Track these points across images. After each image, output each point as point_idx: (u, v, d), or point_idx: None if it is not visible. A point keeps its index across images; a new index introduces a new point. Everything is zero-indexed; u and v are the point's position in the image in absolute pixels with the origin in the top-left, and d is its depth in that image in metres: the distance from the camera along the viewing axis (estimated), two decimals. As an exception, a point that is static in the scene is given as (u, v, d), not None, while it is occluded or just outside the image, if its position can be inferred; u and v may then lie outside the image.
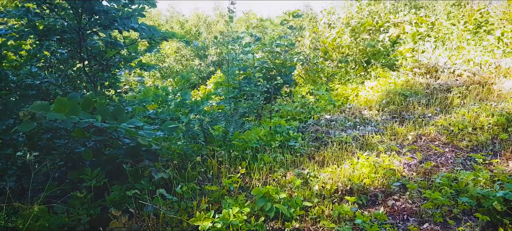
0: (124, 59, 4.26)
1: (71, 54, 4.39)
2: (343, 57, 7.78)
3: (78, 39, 3.84)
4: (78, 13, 3.69)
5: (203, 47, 19.19)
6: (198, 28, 23.02)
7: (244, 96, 6.29)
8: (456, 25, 8.85)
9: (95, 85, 4.27)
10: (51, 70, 4.57)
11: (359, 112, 5.30)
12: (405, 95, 5.61)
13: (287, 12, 5.95)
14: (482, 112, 4.66)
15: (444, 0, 15.77)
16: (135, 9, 3.72)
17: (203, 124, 4.69)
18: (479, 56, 6.67)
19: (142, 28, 3.54)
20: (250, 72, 6.30)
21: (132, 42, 4.26)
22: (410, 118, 4.82)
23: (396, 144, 4.04)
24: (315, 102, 5.87)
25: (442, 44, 7.90)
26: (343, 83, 6.88)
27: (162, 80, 16.14)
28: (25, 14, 3.60)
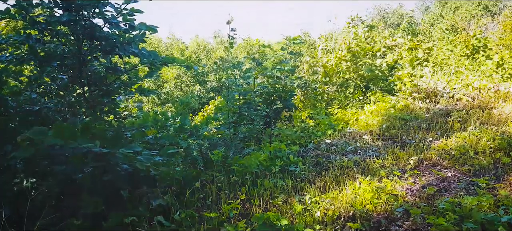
0: (124, 85, 4.27)
1: (71, 79, 4.39)
2: (342, 81, 7.82)
3: (78, 64, 3.85)
4: (79, 39, 3.71)
5: (203, 73, 19.35)
6: (198, 55, 23.27)
7: (244, 121, 6.27)
8: (453, 51, 8.95)
9: (94, 111, 4.26)
10: (51, 96, 4.57)
11: (359, 136, 5.27)
12: (405, 120, 5.60)
13: (288, 38, 6.02)
14: (483, 137, 4.64)
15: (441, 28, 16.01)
16: (136, 35, 3.75)
17: (202, 148, 4.65)
18: (478, 81, 6.71)
19: (142, 54, 3.56)
20: (250, 97, 6.32)
21: (132, 67, 4.28)
22: (411, 142, 4.79)
23: (398, 169, 4.00)
24: (315, 127, 5.85)
25: (440, 69, 7.96)
26: (342, 107, 6.89)
27: (161, 106, 16.19)
28: (26, 40, 3.62)
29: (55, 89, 4.53)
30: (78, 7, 3.49)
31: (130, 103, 7.80)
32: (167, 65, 3.88)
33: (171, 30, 30.04)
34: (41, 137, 2.55)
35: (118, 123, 4.69)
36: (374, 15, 29.44)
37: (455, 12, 22.02)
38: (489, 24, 16.12)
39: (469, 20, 19.23)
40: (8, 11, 3.30)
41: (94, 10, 3.47)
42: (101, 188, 3.32)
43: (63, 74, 4.32)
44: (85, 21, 3.51)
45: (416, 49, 8.45)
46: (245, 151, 5.02)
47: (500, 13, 19.16)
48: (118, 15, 3.67)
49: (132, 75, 4.52)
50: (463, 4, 22.33)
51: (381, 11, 28.27)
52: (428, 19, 23.93)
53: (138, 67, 4.34)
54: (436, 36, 13.56)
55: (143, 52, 3.56)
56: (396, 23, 24.69)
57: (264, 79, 6.75)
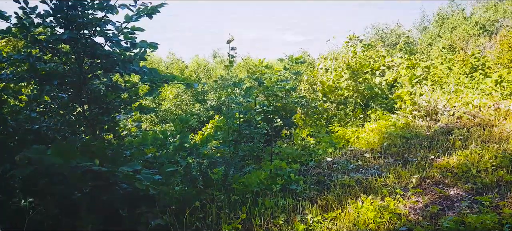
0: (124, 103, 4.26)
1: (71, 98, 4.38)
2: (342, 99, 7.83)
3: (79, 83, 3.84)
4: (80, 57, 3.72)
5: (203, 92, 19.40)
6: (198, 74, 23.39)
7: (244, 139, 6.24)
8: (452, 69, 9.00)
9: (94, 129, 4.23)
10: (50, 115, 4.55)
11: (361, 154, 5.24)
12: (406, 138, 5.57)
13: (290, 57, 6.05)
14: (485, 155, 4.61)
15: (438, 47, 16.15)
16: (136, 53, 3.76)
17: (202, 167, 4.61)
18: (478, 99, 6.72)
19: (143, 71, 3.56)
20: (251, 115, 6.31)
21: (133, 85, 4.28)
22: (412, 161, 4.75)
23: (400, 187, 3.95)
24: (316, 145, 5.82)
25: (440, 88, 7.99)
26: (343, 125, 6.87)
27: (161, 124, 16.17)
28: (27, 59, 3.62)
29: (55, 108, 4.51)
30: (79, 25, 3.51)
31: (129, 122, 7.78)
32: (167, 83, 3.87)
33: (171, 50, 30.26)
34: (40, 156, 2.52)
35: (117, 142, 4.66)
36: (372, 35, 29.73)
37: (453, 32, 22.25)
38: (487, 43, 16.28)
39: (467, 40, 19.42)
40: (10, 30, 3.32)
41: (95, 28, 3.49)
42: (99, 207, 3.27)
43: (63, 93, 4.31)
44: (86, 39, 3.53)
45: (415, 68, 8.50)
46: (245, 169, 4.98)
47: (497, 33, 19.37)
48: (119, 33, 3.68)
49: (132, 94, 4.51)
50: (461, 24, 22.59)
51: (379, 31, 28.59)
52: (426, 39, 24.19)
53: (138, 86, 4.34)
54: (434, 55, 13.67)
55: (144, 70, 3.56)
56: (394, 43, 24.92)
57: (264, 98, 6.75)
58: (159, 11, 3.60)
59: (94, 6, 3.55)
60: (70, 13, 3.48)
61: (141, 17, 3.61)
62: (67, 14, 3.49)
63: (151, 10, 3.57)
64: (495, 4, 22.67)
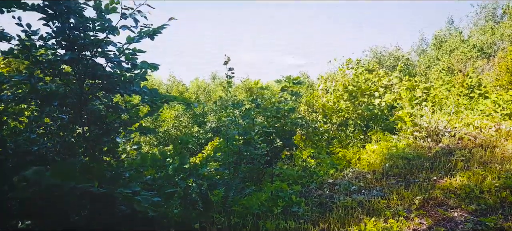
0: (124, 124, 4.24)
1: (71, 119, 4.36)
2: (342, 121, 7.82)
3: (79, 104, 3.84)
4: (81, 78, 3.72)
5: (202, 114, 19.39)
6: (198, 96, 23.47)
7: (244, 160, 6.20)
8: (451, 90, 9.03)
9: (93, 151, 4.20)
10: (50, 137, 4.53)
11: (362, 176, 5.18)
12: (408, 159, 5.53)
13: (288, 78, 6.08)
14: (488, 175, 4.57)
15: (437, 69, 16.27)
16: (137, 74, 3.77)
17: (202, 189, 4.55)
18: (479, 120, 6.72)
19: (144, 92, 3.56)
20: (250, 136, 6.28)
21: (133, 106, 4.27)
22: (415, 182, 4.70)
23: (403, 209, 3.89)
24: (317, 166, 5.78)
25: (440, 109, 7.99)
26: (343, 146, 6.84)
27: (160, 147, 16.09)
28: (28, 80, 3.63)
29: (55, 130, 4.50)
30: (81, 46, 3.53)
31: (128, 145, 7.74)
32: (167, 103, 3.87)
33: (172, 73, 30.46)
34: (39, 177, 2.49)
35: (117, 163, 4.62)
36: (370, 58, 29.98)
37: (451, 55, 22.46)
38: (485, 66, 16.41)
39: (465, 62, 19.59)
40: (12, 51, 3.33)
41: (97, 49, 3.51)
42: (98, 230, 3.20)
43: (63, 114, 4.31)
44: (87, 60, 3.54)
45: (415, 89, 8.53)
46: (245, 191, 4.92)
47: (495, 55, 19.54)
48: (121, 54, 3.70)
49: (132, 115, 4.50)
50: (458, 47, 22.82)
51: (377, 53, 28.85)
52: (425, 61, 24.39)
53: (138, 106, 4.33)
54: (434, 77, 13.75)
55: (144, 90, 3.56)
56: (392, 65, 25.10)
57: (263, 119, 6.74)
58: (161, 33, 3.63)
59: (95, 28, 3.58)
60: (72, 35, 3.51)
61: (142, 38, 3.63)
62: (69, 36, 3.51)
63: (152, 32, 3.60)
64: (492, 27, 22.97)
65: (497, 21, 24.88)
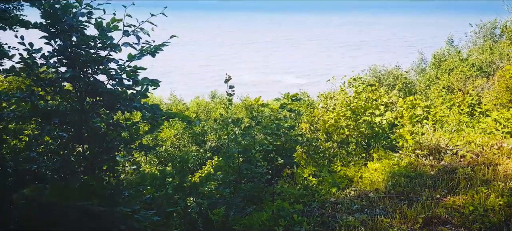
0: (124, 141, 4.21)
1: (71, 138, 4.34)
2: (343, 138, 7.79)
3: (80, 121, 3.82)
4: (82, 95, 3.72)
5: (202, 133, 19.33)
6: (198, 114, 23.49)
7: (244, 179, 6.15)
8: (451, 109, 9.04)
9: (93, 169, 4.17)
10: (49, 155, 4.50)
11: (365, 194, 5.13)
12: (410, 177, 5.49)
13: (286, 95, 6.08)
14: (491, 193, 4.53)
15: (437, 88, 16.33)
16: (138, 91, 3.76)
17: (202, 208, 4.50)
18: (480, 137, 6.69)
19: (144, 107, 3.56)
20: (250, 154, 6.24)
21: (133, 124, 4.25)
22: (418, 200, 4.65)
23: (407, 228, 3.83)
24: (319, 185, 5.72)
25: (441, 127, 7.98)
26: (345, 164, 6.79)
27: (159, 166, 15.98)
28: (29, 97, 3.62)
29: (55, 148, 4.46)
30: (82, 64, 3.54)
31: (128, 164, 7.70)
32: (168, 121, 3.86)
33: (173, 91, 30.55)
34: (38, 195, 2.46)
35: (116, 182, 4.57)
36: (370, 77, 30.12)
37: (450, 74, 22.58)
38: (485, 84, 16.47)
39: (465, 81, 19.67)
40: (13, 69, 3.34)
41: (98, 67, 3.51)
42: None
43: (63, 132, 4.28)
44: (89, 77, 3.54)
45: (415, 107, 8.53)
46: (246, 210, 4.86)
47: (494, 74, 19.64)
48: (122, 72, 3.71)
49: (133, 133, 4.48)
50: (458, 66, 22.96)
51: (376, 72, 29.00)
52: (424, 80, 24.49)
53: (139, 124, 4.31)
54: (434, 95, 13.79)
55: (146, 106, 3.56)
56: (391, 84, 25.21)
57: (263, 136, 6.72)
58: (162, 50, 3.65)
59: (97, 46, 3.60)
60: (73, 52, 3.52)
61: (144, 55, 3.65)
62: (70, 53, 3.53)
63: (154, 49, 3.62)
64: (490, 46, 23.16)
65: (496, 41, 25.12)
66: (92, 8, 3.43)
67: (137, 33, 3.53)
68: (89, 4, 3.42)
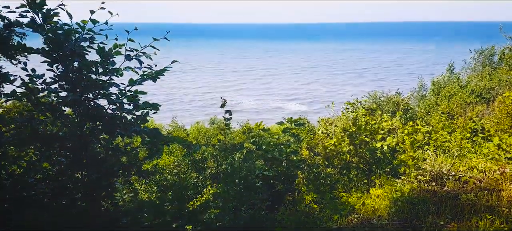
0: (123, 166, 4.18)
1: (70, 163, 4.30)
2: (344, 164, 7.73)
3: (79, 146, 3.80)
4: (82, 120, 3.72)
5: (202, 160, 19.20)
6: (198, 141, 23.42)
7: (244, 206, 6.06)
8: (453, 134, 9.01)
9: (92, 196, 4.12)
10: (48, 182, 4.45)
11: (367, 221, 5.04)
12: (413, 203, 5.40)
13: (289, 120, 6.07)
14: (496, 219, 4.44)
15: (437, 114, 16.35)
16: (138, 116, 3.76)
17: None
18: (483, 163, 6.63)
19: (145, 131, 3.54)
20: (250, 180, 6.18)
21: (133, 149, 4.23)
22: (421, 227, 4.56)
23: (411, 255, 3.74)
24: (320, 212, 5.63)
25: (443, 153, 7.92)
26: (347, 191, 6.71)
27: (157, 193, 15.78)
28: (29, 122, 3.62)
29: (53, 174, 4.42)
30: (83, 88, 3.55)
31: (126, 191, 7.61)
32: (168, 145, 3.84)
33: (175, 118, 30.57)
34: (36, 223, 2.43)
35: (114, 208, 4.50)
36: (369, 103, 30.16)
37: (450, 100, 22.64)
38: (485, 110, 16.48)
39: (465, 108, 19.69)
40: (14, 93, 3.35)
41: (99, 91, 3.52)
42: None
43: (62, 157, 4.25)
44: (89, 102, 3.55)
45: (416, 133, 8.50)
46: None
47: (494, 100, 19.68)
48: (123, 97, 3.72)
49: (132, 158, 4.45)
50: (457, 92, 23.06)
51: (376, 98, 29.11)
52: (424, 106, 24.54)
53: (139, 149, 4.29)
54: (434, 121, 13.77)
55: (145, 130, 3.55)
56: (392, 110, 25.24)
57: (263, 162, 6.67)
58: (163, 75, 3.67)
59: (98, 71, 3.62)
60: (74, 77, 3.54)
61: (145, 80, 3.67)
62: (72, 78, 3.55)
63: (155, 74, 3.65)
64: (489, 73, 23.33)
65: (494, 67, 25.32)
66: (94, 33, 3.48)
67: (139, 57, 3.56)
68: (91, 30, 3.47)
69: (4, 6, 3.05)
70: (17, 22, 3.14)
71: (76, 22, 3.39)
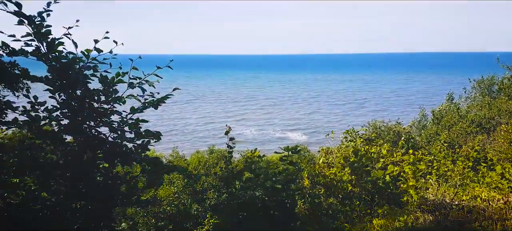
0: (122, 196, 4.14)
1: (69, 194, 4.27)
2: (346, 194, 7.64)
3: (80, 174, 3.79)
4: (82, 148, 3.72)
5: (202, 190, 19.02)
6: (198, 170, 23.26)
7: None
8: (455, 163, 8.95)
9: (90, 225, 4.06)
10: (46, 212, 4.40)
11: (369, 252, 4.93)
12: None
13: (286, 148, 6.05)
14: (502, 250, 4.35)
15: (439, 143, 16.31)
16: (139, 145, 3.76)
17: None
18: (486, 192, 6.56)
19: (145, 160, 3.53)
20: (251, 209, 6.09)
21: (133, 178, 4.20)
22: (425, 257, 4.46)
23: None
24: (322, 243, 5.52)
25: (445, 182, 7.85)
26: (349, 221, 6.60)
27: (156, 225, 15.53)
28: (29, 150, 3.62)
29: (51, 204, 4.37)
30: (85, 117, 3.57)
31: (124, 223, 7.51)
32: (168, 174, 3.82)
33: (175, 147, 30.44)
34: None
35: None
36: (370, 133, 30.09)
37: (450, 130, 22.62)
38: (486, 140, 16.43)
39: (465, 137, 19.65)
40: (16, 121, 3.37)
41: (101, 119, 3.54)
42: None
43: (62, 186, 4.22)
44: (90, 130, 3.56)
45: (419, 162, 8.45)
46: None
47: (494, 130, 19.65)
48: (124, 125, 3.73)
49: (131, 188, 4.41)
50: (457, 122, 23.07)
51: (376, 128, 29.08)
52: (425, 136, 24.49)
53: (138, 178, 4.26)
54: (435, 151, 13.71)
55: (146, 159, 3.54)
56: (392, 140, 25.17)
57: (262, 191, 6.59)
58: (165, 102, 3.70)
59: (101, 99, 3.65)
60: (76, 105, 3.57)
61: (146, 108, 3.69)
62: (74, 107, 3.58)
63: (156, 102, 3.67)
64: (488, 102, 23.42)
65: (494, 97, 25.45)
66: (98, 62, 3.53)
67: (142, 85, 3.60)
68: (95, 58, 3.53)
69: (10, 35, 3.11)
70: (22, 51, 3.20)
71: (81, 51, 3.45)
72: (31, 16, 3.15)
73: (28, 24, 3.16)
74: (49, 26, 3.21)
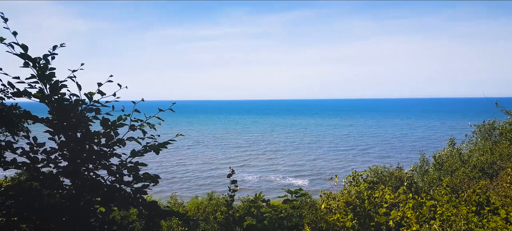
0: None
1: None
2: (349, 241, 7.44)
3: (76, 218, 3.72)
4: (80, 191, 3.68)
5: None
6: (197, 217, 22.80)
7: None
8: (458, 208, 8.80)
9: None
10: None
11: None
12: (422, 282, 5.12)
13: (289, 191, 5.98)
14: None
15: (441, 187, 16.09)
16: (137, 189, 3.73)
17: None
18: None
19: (142, 204, 3.48)
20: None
21: (129, 223, 4.12)
22: None
23: None
24: None
25: (449, 227, 7.67)
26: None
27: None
28: (27, 193, 3.59)
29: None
30: (84, 159, 3.56)
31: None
32: (165, 220, 3.75)
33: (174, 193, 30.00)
34: None
35: None
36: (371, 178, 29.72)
37: (452, 175, 22.39)
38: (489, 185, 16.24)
39: (468, 183, 19.42)
40: (15, 162, 3.36)
41: (100, 161, 3.53)
42: None
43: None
44: (89, 172, 3.54)
45: (421, 207, 8.30)
46: None
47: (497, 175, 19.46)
48: (123, 168, 3.71)
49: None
50: (459, 167, 22.89)
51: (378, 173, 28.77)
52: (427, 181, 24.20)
53: (135, 224, 4.19)
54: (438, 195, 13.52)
55: (143, 203, 3.49)
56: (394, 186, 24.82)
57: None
58: (166, 147, 3.69)
59: (100, 142, 3.66)
60: (76, 148, 3.57)
61: (147, 152, 3.69)
62: (73, 149, 3.58)
63: (157, 146, 3.67)
64: (490, 147, 23.35)
65: (495, 141, 25.41)
66: (101, 105, 3.57)
67: (143, 127, 3.62)
68: (98, 101, 3.57)
69: (14, 77, 3.18)
70: (25, 92, 3.26)
71: (84, 93, 3.51)
72: (37, 58, 3.24)
73: (33, 67, 3.24)
74: (53, 69, 3.29)
